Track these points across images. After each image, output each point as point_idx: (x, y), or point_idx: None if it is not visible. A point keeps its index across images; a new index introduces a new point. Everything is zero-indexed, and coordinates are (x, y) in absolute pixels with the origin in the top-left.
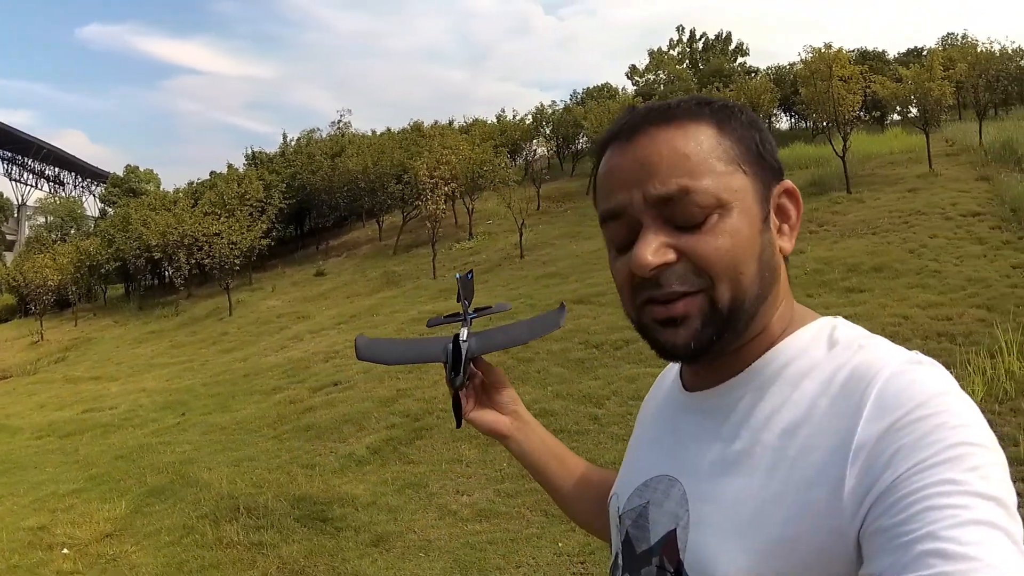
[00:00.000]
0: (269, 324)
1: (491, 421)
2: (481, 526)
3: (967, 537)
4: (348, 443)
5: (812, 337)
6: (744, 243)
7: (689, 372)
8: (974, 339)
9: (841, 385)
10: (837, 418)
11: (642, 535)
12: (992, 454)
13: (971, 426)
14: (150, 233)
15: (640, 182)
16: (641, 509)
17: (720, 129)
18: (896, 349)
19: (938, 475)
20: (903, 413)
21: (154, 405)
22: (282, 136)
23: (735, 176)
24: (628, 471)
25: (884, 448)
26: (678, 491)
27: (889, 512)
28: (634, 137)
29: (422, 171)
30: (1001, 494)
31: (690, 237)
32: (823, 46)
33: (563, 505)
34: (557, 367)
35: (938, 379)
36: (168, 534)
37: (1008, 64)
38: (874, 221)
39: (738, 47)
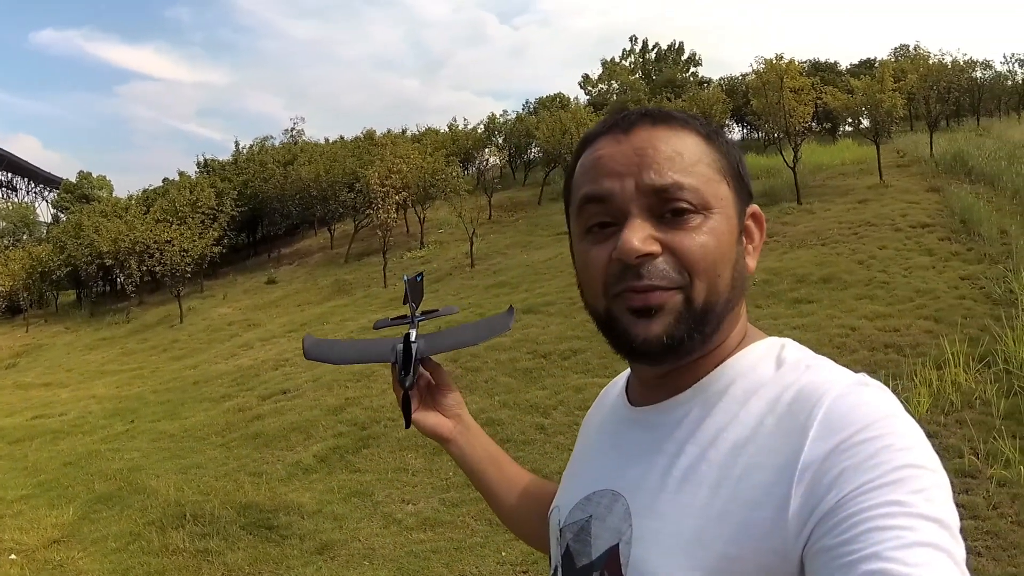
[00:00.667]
0: (220, 332)
1: (434, 423)
2: (425, 535)
3: (912, 558)
4: (295, 451)
5: (760, 356)
6: (724, 247)
7: (637, 386)
8: (921, 350)
9: (788, 405)
10: (783, 438)
11: (583, 549)
12: (936, 476)
13: (916, 448)
14: (102, 240)
15: (634, 171)
16: (583, 523)
17: (708, 140)
18: (842, 371)
19: (883, 496)
20: (849, 434)
21: (104, 412)
22: (234, 144)
23: (721, 185)
24: (570, 484)
25: (829, 469)
26: (621, 506)
27: (833, 532)
28: (632, 129)
29: (374, 180)
30: (945, 516)
31: (676, 232)
32: (774, 57)
33: (501, 514)
34: (505, 376)
35: (884, 401)
36: (115, 540)
37: (959, 76)
38: (824, 232)
39: (690, 57)
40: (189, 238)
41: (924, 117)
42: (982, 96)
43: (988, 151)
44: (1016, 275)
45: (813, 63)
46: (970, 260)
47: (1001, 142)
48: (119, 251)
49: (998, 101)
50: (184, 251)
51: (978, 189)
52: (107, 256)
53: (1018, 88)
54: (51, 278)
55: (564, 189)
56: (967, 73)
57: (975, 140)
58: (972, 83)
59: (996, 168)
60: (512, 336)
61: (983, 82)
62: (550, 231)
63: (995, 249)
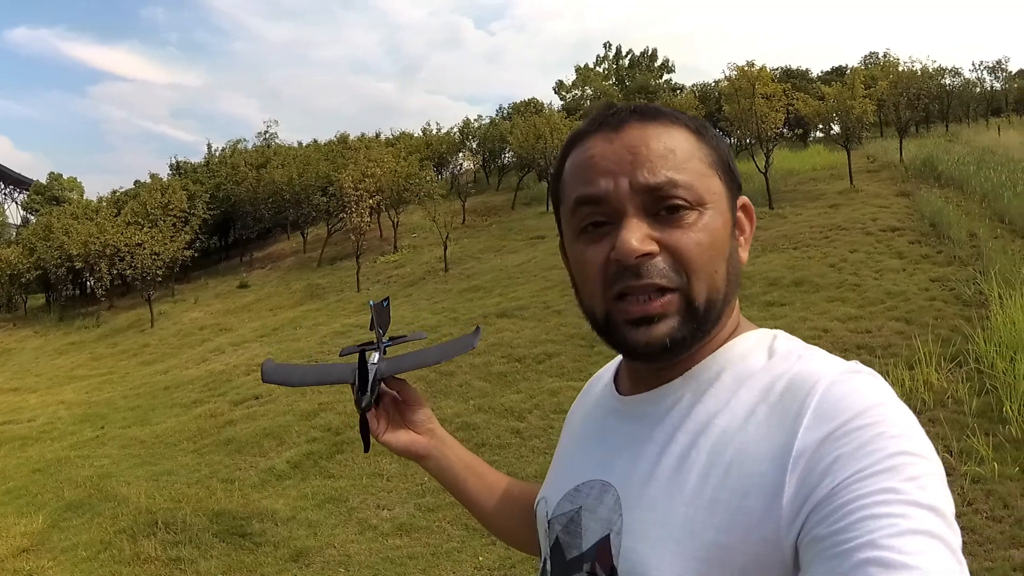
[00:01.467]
0: (191, 336)
1: (407, 442)
2: (401, 540)
3: (907, 546)
4: (268, 457)
5: (751, 346)
6: (719, 243)
7: (626, 377)
8: (893, 351)
9: (780, 394)
10: (776, 426)
11: (573, 541)
12: (930, 464)
13: (910, 436)
14: (72, 242)
15: (628, 170)
16: (572, 514)
17: (698, 135)
18: (834, 359)
19: (877, 484)
20: (842, 422)
21: (73, 418)
22: (207, 146)
23: (713, 180)
24: (557, 476)
25: (823, 457)
26: (612, 496)
27: (827, 520)
28: (622, 127)
29: (347, 183)
30: (939, 504)
31: (672, 231)
32: (746, 64)
33: (485, 521)
34: (479, 381)
35: (877, 389)
36: (85, 549)
37: (929, 83)
38: (795, 236)
39: (664, 64)
40: (160, 241)
41: (894, 123)
42: (951, 103)
43: (957, 156)
44: (985, 276)
45: (785, 70)
46: (940, 262)
47: (970, 147)
48: (89, 254)
49: (967, 107)
50: (155, 254)
51: (947, 193)
52: (77, 259)
53: (986, 95)
54: (20, 281)
55: (551, 189)
56: (936, 80)
57: (944, 146)
58: (941, 90)
59: (965, 173)
60: (486, 340)
61: (952, 89)
62: (523, 236)
63: (964, 251)
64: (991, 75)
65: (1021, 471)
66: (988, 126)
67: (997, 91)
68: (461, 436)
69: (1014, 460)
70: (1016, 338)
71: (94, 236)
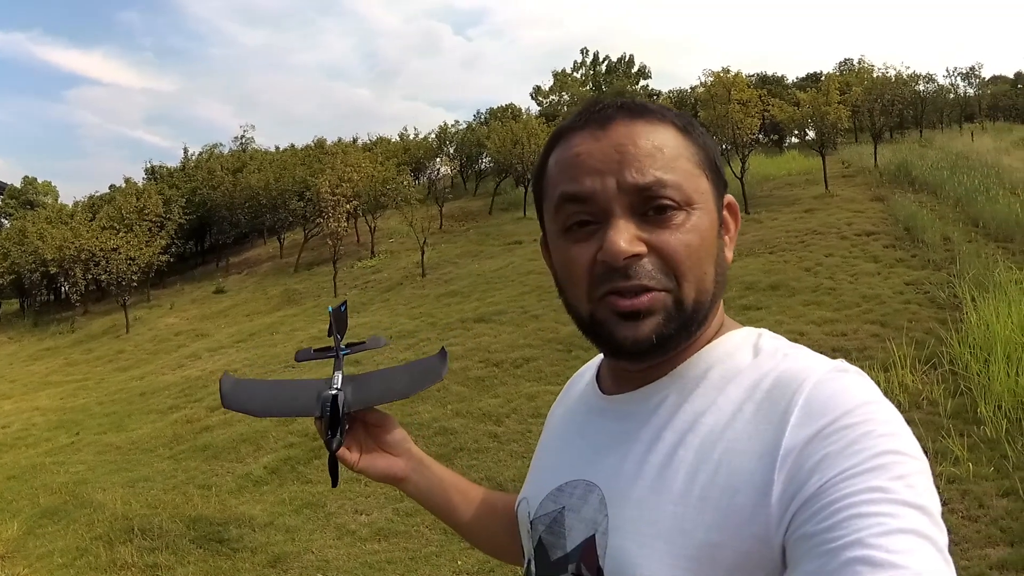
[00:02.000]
0: (167, 342)
1: (384, 467)
2: (379, 545)
3: (894, 545)
4: (245, 463)
5: (737, 344)
6: (707, 244)
7: (609, 376)
8: (868, 354)
9: (767, 392)
10: (763, 424)
11: (557, 541)
12: (917, 463)
13: (897, 435)
14: (46, 247)
15: (615, 169)
16: (556, 514)
17: (685, 133)
18: (821, 358)
19: (865, 483)
20: (830, 420)
21: (48, 424)
22: (183, 150)
23: (701, 179)
24: (539, 476)
25: (811, 454)
26: (596, 496)
27: (815, 518)
28: (609, 124)
29: (324, 188)
30: (926, 503)
31: (660, 231)
32: (722, 70)
33: (471, 537)
34: (457, 385)
35: (864, 388)
36: (61, 556)
37: (903, 89)
38: (771, 240)
39: (640, 70)
40: (136, 246)
41: (869, 129)
42: (925, 109)
43: (931, 161)
44: (959, 280)
45: (760, 76)
46: (914, 266)
47: (944, 153)
48: (64, 259)
49: (940, 113)
50: (131, 259)
51: (921, 198)
52: (52, 264)
53: (960, 101)
54: None
55: (534, 184)
56: (910, 86)
57: (918, 151)
58: (915, 96)
59: (939, 178)
60: (464, 345)
61: (926, 95)
62: (501, 241)
63: (939, 255)
64: (965, 81)
65: (996, 471)
66: (962, 132)
67: (971, 97)
68: (439, 441)
69: (989, 460)
70: (990, 340)
71: (69, 241)
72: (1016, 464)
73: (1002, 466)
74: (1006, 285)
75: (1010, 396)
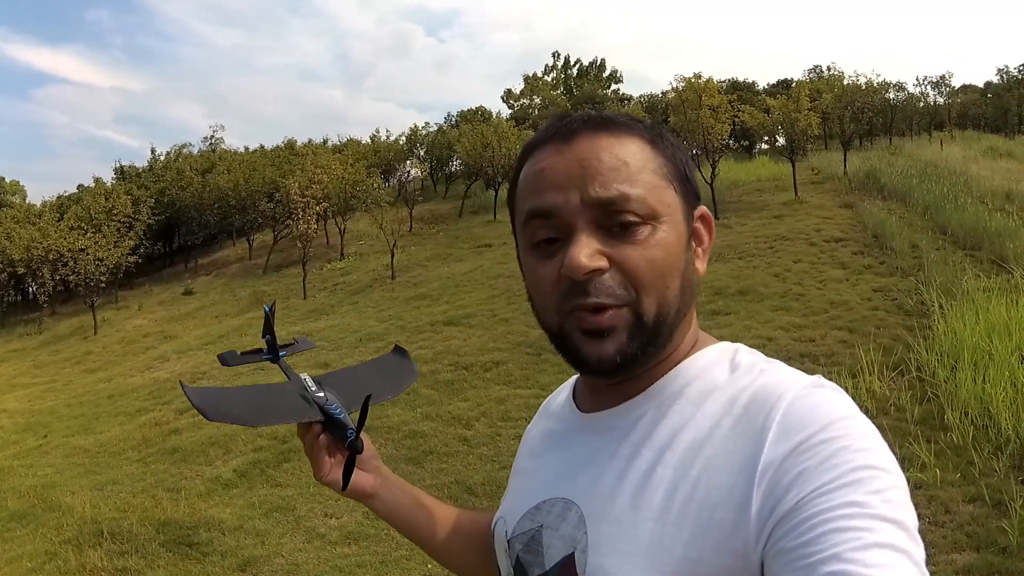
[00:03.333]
0: (135, 343)
1: (356, 482)
2: (350, 549)
3: (871, 559)
4: (214, 466)
5: (714, 359)
6: (672, 258)
7: (586, 393)
8: (836, 360)
9: (744, 407)
10: (741, 439)
11: (535, 560)
12: (894, 477)
13: (874, 450)
14: (14, 247)
15: (579, 184)
16: (533, 533)
17: (653, 145)
18: (797, 373)
19: (842, 498)
20: (807, 435)
21: (15, 427)
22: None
23: (667, 191)
24: (516, 495)
25: (789, 470)
26: (575, 514)
27: (793, 533)
28: (573, 138)
29: (294, 190)
30: (903, 517)
31: (623, 246)
32: (693, 75)
33: (437, 555)
34: (426, 389)
35: (841, 403)
36: (30, 560)
37: (873, 97)
38: (740, 246)
39: (612, 74)
40: (104, 247)
41: (838, 136)
42: (895, 117)
43: (900, 169)
44: (927, 287)
45: (731, 82)
46: (882, 273)
47: (913, 160)
48: (31, 259)
49: (910, 121)
50: (99, 260)
51: (890, 205)
52: (19, 264)
53: (929, 109)
54: None
55: (508, 199)
56: (880, 94)
57: (887, 159)
58: (885, 104)
59: (907, 185)
60: (433, 348)
61: (896, 103)
62: (471, 244)
63: (906, 262)
64: (934, 90)
65: (962, 477)
66: (931, 140)
67: (940, 106)
68: (408, 444)
69: (955, 466)
70: (957, 347)
71: (36, 241)
72: (982, 471)
73: (968, 472)
74: (973, 293)
75: (976, 403)
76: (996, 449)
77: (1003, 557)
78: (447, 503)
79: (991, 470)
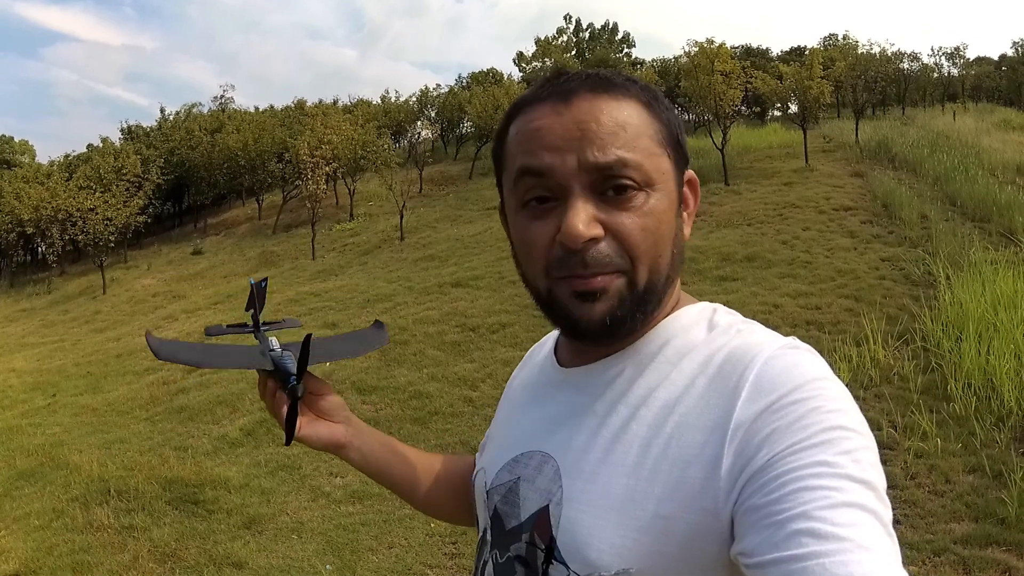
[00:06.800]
0: (143, 303)
1: (326, 433)
2: (354, 507)
3: (839, 518)
4: (221, 425)
5: (692, 320)
6: (665, 226)
7: (567, 349)
8: (841, 328)
9: (719, 366)
10: (715, 398)
11: (512, 511)
12: (864, 439)
13: (844, 411)
14: (23, 207)
15: (576, 146)
16: (511, 485)
17: (649, 109)
18: (773, 334)
19: (812, 457)
20: (779, 395)
21: (24, 386)
22: (160, 110)
23: (662, 158)
24: (496, 446)
25: (760, 429)
26: (551, 467)
27: (762, 491)
28: (571, 98)
29: (303, 150)
30: (872, 478)
31: (618, 213)
32: (706, 41)
33: (416, 502)
34: (433, 350)
35: (814, 364)
36: (38, 518)
37: (887, 66)
38: (749, 212)
39: (624, 38)
40: (113, 206)
41: (851, 104)
42: (908, 87)
43: (911, 140)
44: (934, 258)
45: (745, 48)
46: (891, 243)
47: (925, 131)
48: (40, 219)
49: (923, 92)
50: (108, 220)
51: (900, 175)
52: (28, 224)
53: (943, 80)
54: None
55: (494, 153)
56: (894, 64)
57: (899, 129)
58: (899, 73)
59: (918, 156)
60: (440, 310)
61: (910, 73)
62: (480, 206)
63: (915, 233)
64: (949, 61)
65: (964, 447)
66: (944, 111)
67: (954, 77)
68: (414, 404)
69: (957, 436)
70: (962, 318)
71: (46, 201)
72: (983, 441)
73: (970, 443)
74: (981, 264)
75: (980, 374)
76: (998, 420)
77: (1002, 528)
78: (424, 450)
79: (992, 441)
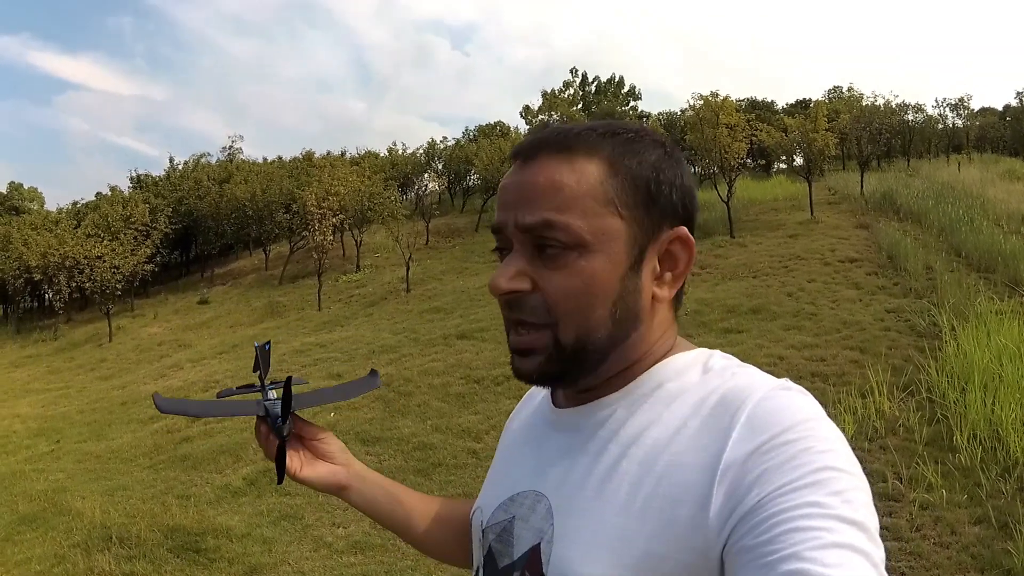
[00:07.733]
0: (149, 351)
1: (327, 474)
2: (356, 558)
3: (829, 559)
4: (224, 474)
5: (687, 364)
6: (598, 287)
7: (561, 391)
8: (846, 379)
9: (712, 408)
10: (707, 438)
11: (505, 550)
12: (855, 479)
13: (836, 452)
14: (31, 254)
15: (515, 206)
16: (506, 524)
17: (612, 166)
18: (766, 376)
19: (803, 498)
20: (771, 436)
21: (28, 431)
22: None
23: (607, 219)
24: (493, 486)
25: (751, 469)
26: (544, 506)
27: (753, 532)
28: (528, 161)
29: (311, 201)
30: (863, 519)
31: (547, 272)
32: (710, 94)
33: (419, 544)
34: (437, 401)
35: (806, 405)
36: (39, 563)
37: (891, 118)
38: (755, 264)
39: (630, 91)
40: (121, 254)
41: (856, 156)
42: (912, 138)
43: (916, 191)
44: (940, 308)
45: (750, 101)
46: (896, 294)
47: (929, 182)
48: (48, 266)
49: (928, 143)
50: (115, 268)
51: (906, 226)
52: (36, 271)
53: (948, 131)
54: None
55: None
56: (899, 115)
57: (904, 180)
58: (903, 125)
59: (923, 207)
60: (445, 361)
61: (914, 124)
62: (486, 258)
63: (920, 284)
64: (953, 112)
65: (969, 499)
66: (948, 162)
67: (959, 128)
68: (417, 456)
69: (962, 488)
70: (967, 369)
71: (53, 248)
72: (989, 492)
73: (975, 494)
74: (986, 315)
75: (985, 425)
76: (1004, 471)
77: None
78: (425, 493)
79: (998, 492)
